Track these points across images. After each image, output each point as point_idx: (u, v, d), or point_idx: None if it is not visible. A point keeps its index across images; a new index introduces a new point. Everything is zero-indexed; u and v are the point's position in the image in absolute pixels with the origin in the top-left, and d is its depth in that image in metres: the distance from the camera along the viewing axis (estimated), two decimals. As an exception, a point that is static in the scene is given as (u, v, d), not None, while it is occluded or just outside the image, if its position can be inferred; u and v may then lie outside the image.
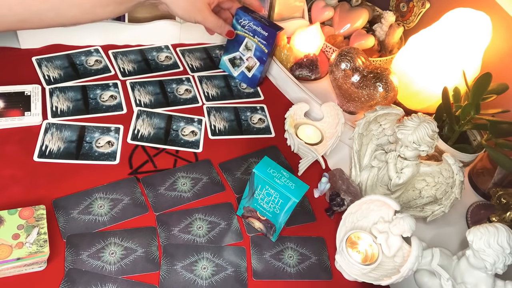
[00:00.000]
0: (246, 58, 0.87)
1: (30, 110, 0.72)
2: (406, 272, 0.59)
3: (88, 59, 0.84)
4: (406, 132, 0.68)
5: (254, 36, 0.83)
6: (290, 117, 0.81)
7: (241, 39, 0.85)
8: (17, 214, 0.56)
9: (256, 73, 0.88)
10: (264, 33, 0.82)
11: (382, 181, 0.76)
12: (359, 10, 1.04)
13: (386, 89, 0.81)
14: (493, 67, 0.80)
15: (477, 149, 0.83)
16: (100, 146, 0.71)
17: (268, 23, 0.82)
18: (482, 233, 0.58)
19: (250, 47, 0.85)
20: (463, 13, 0.81)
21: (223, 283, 0.61)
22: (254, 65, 0.87)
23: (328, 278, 0.66)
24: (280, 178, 0.60)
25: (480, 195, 0.85)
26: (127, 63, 0.86)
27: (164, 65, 0.89)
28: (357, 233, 0.67)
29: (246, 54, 0.87)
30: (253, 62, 0.86)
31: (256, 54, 0.85)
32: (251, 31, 0.83)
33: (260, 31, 0.82)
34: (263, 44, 0.83)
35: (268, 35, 0.82)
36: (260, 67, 0.87)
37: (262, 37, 0.83)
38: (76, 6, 0.66)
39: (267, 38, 0.82)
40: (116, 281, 0.58)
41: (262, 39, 0.83)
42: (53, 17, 0.65)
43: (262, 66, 0.86)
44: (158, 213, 0.66)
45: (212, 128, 0.80)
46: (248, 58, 0.87)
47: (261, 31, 0.82)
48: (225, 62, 0.90)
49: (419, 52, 0.86)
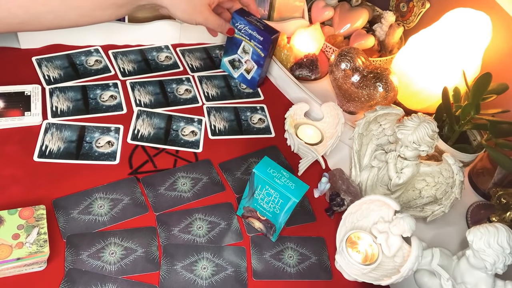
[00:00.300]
0: (245, 60, 0.87)
1: (30, 110, 0.72)
2: (406, 272, 0.59)
3: (88, 59, 0.84)
4: (406, 132, 0.68)
5: (250, 40, 0.83)
6: (290, 117, 0.81)
7: (239, 42, 0.85)
8: (17, 214, 0.56)
9: (255, 76, 0.88)
10: (260, 37, 0.82)
11: (382, 181, 0.76)
12: (359, 10, 1.04)
13: (386, 89, 0.81)
14: (493, 67, 0.80)
15: (477, 149, 0.83)
16: (100, 146, 0.71)
17: (264, 27, 0.82)
18: (482, 233, 0.58)
19: (247, 50, 0.85)
20: (463, 13, 0.81)
21: (223, 283, 0.61)
22: (252, 68, 0.87)
23: (328, 278, 0.66)
24: (280, 178, 0.60)
25: (480, 195, 0.85)
26: (127, 63, 0.86)
27: (164, 65, 0.89)
28: (357, 233, 0.67)
29: (244, 57, 0.87)
30: (251, 65, 0.86)
31: (253, 58, 0.85)
32: (247, 35, 0.83)
33: (255, 36, 0.82)
34: (259, 48, 0.83)
35: (263, 39, 0.82)
36: (258, 70, 0.86)
37: (257, 41, 0.82)
38: (75, 9, 0.66)
39: (262, 42, 0.82)
40: (116, 281, 0.58)
41: (258, 43, 0.83)
42: (52, 19, 0.66)
43: (260, 69, 0.86)
44: (158, 213, 0.66)
45: (212, 128, 0.80)
46: (246, 61, 0.87)
47: (256, 36, 0.82)
48: (226, 63, 0.90)
49: (419, 52, 0.86)
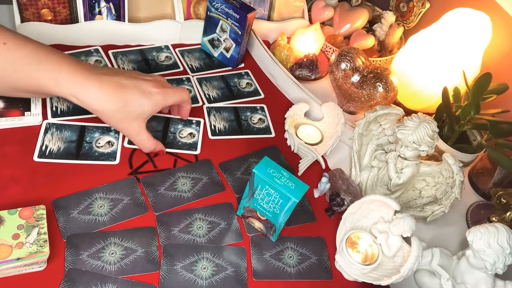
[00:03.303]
0: (223, 39, 0.89)
1: (30, 110, 0.72)
2: (406, 272, 0.59)
3: (88, 59, 0.84)
4: (406, 132, 0.68)
5: (227, 19, 0.85)
6: (290, 117, 0.81)
7: (216, 21, 0.87)
8: (17, 214, 0.56)
9: (234, 54, 0.90)
10: (236, 15, 0.84)
11: (382, 181, 0.76)
12: (359, 10, 1.04)
13: (386, 89, 0.81)
14: (493, 67, 0.80)
15: (477, 149, 0.83)
16: (100, 146, 0.71)
17: (240, 5, 0.84)
18: (482, 233, 0.58)
19: (225, 29, 0.87)
20: (463, 13, 0.81)
21: (223, 283, 0.61)
22: (231, 46, 0.89)
23: (328, 278, 0.66)
24: (280, 178, 0.60)
25: (480, 195, 0.85)
26: (127, 63, 0.86)
27: (164, 65, 0.89)
28: (357, 233, 0.67)
29: (222, 36, 0.89)
30: (230, 43, 0.88)
31: (231, 36, 0.87)
32: (224, 13, 0.85)
33: (232, 14, 0.84)
34: (236, 27, 0.85)
35: (240, 17, 0.84)
36: (236, 48, 0.88)
37: (234, 19, 0.84)
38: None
39: (239, 20, 0.84)
40: (116, 281, 0.58)
41: (235, 21, 0.85)
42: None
43: (238, 47, 0.88)
44: (158, 213, 0.66)
45: (212, 128, 0.80)
46: (225, 40, 0.89)
47: (233, 14, 0.84)
48: (205, 43, 0.92)
49: (419, 52, 0.86)
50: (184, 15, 0.92)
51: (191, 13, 0.93)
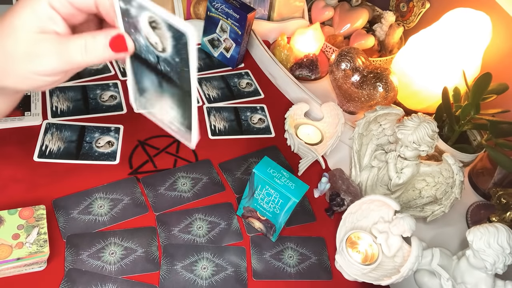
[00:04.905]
0: (223, 39, 0.89)
1: (30, 110, 0.72)
2: (406, 272, 0.59)
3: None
4: (406, 132, 0.68)
5: (227, 19, 0.85)
6: (290, 117, 0.81)
7: (217, 21, 0.87)
8: (17, 214, 0.56)
9: (234, 54, 0.90)
10: (236, 15, 0.84)
11: (382, 181, 0.76)
12: (359, 10, 1.04)
13: (386, 89, 0.81)
14: (493, 67, 0.80)
15: (477, 149, 0.83)
16: (100, 146, 0.71)
17: (240, 5, 0.84)
18: (482, 233, 0.58)
19: (225, 29, 0.87)
20: (463, 13, 0.81)
21: (223, 283, 0.61)
22: (231, 46, 0.89)
23: (328, 278, 0.66)
24: (280, 178, 0.60)
25: (480, 195, 0.85)
26: (127, 63, 0.86)
27: (164, 65, 0.88)
28: (357, 233, 0.67)
29: (222, 36, 0.89)
30: (230, 43, 0.88)
31: (231, 36, 0.88)
32: (224, 13, 0.85)
33: (232, 14, 0.84)
34: (236, 27, 0.85)
35: (240, 17, 0.84)
36: (236, 48, 0.89)
37: (234, 19, 0.84)
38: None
39: (239, 20, 0.84)
40: (116, 281, 0.58)
41: (235, 21, 0.85)
42: None
43: (238, 47, 0.88)
44: (158, 213, 0.66)
45: (212, 128, 0.80)
46: (225, 40, 0.89)
47: (233, 14, 0.84)
48: (206, 43, 0.93)
49: (419, 52, 0.86)
50: (184, 15, 0.92)
51: (191, 13, 0.93)
